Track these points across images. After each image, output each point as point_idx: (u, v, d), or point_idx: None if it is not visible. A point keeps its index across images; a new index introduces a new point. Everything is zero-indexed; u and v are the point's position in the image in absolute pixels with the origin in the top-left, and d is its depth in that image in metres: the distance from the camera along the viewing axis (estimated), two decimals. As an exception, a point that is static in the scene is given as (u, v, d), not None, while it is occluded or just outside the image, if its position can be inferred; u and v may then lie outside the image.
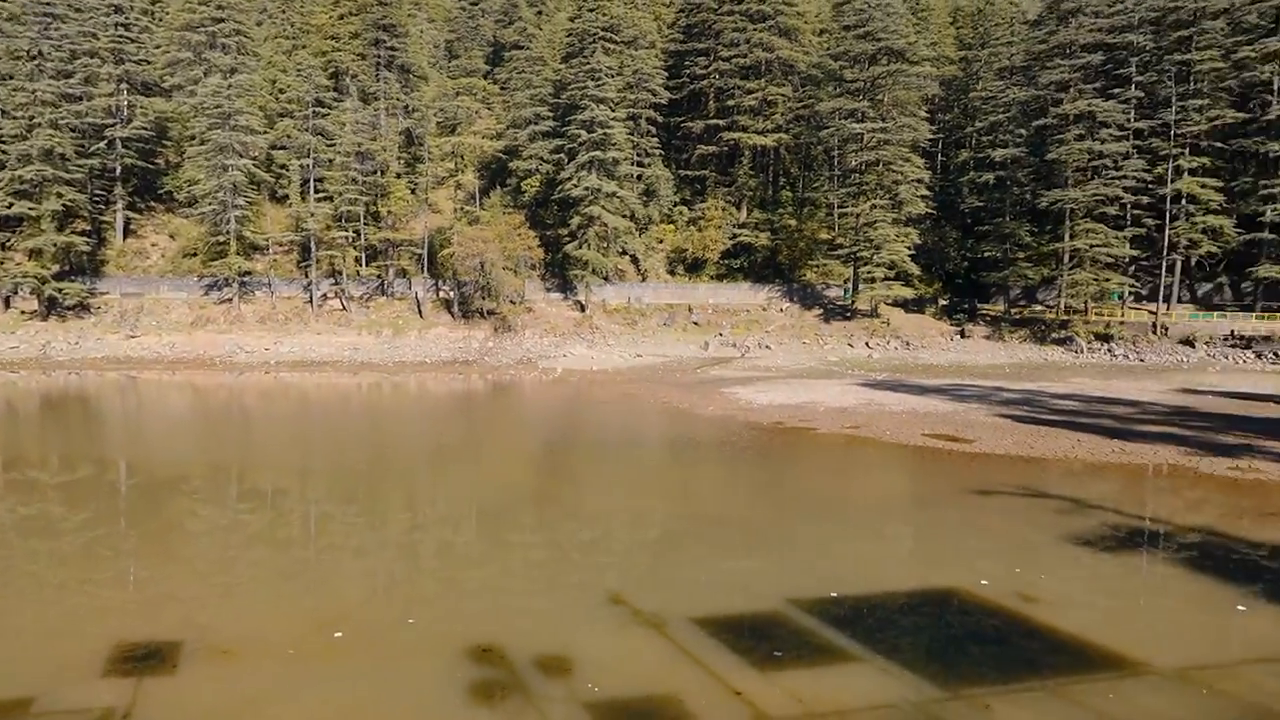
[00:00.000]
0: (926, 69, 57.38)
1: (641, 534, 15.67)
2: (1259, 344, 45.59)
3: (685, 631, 10.32)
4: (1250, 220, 49.72)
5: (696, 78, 61.01)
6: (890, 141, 53.18)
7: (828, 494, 18.82)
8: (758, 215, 59.20)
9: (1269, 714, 8.24)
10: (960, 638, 10.65)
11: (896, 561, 14.01)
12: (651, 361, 45.48)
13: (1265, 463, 19.94)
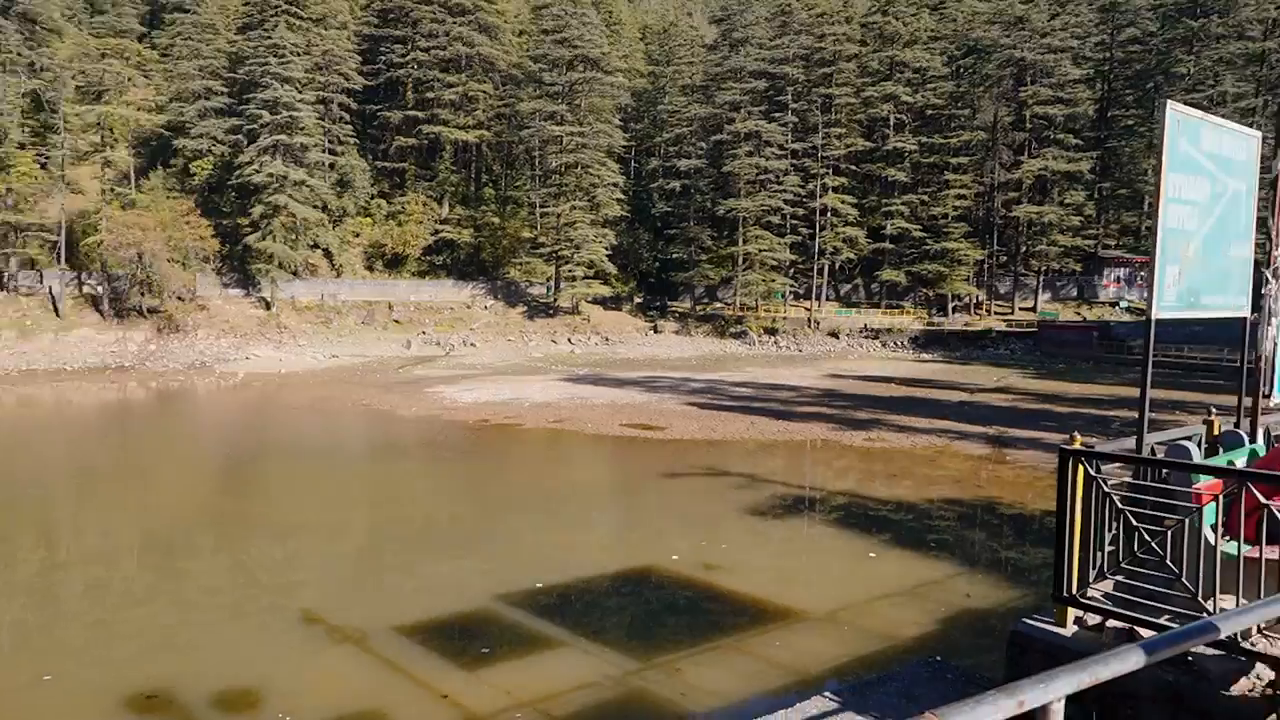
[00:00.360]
0: (620, 79, 60.80)
1: (340, 545, 14.73)
2: (884, 335, 54.88)
3: (390, 642, 9.91)
4: (877, 232, 59.58)
5: (394, 65, 58.56)
6: (588, 145, 55.53)
7: (534, 487, 19.19)
8: (460, 211, 58.44)
9: (893, 636, 9.93)
10: (657, 611, 11.49)
11: (600, 547, 14.69)
12: (349, 362, 42.92)
13: (889, 433, 24.11)
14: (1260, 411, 5.90)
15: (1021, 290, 60.36)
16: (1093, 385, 36.69)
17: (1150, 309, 4.59)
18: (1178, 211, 4.70)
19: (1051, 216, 56.21)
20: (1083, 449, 4.52)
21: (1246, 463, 5.30)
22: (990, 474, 19.58)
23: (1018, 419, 26.93)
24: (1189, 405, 22.39)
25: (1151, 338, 4.80)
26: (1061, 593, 4.63)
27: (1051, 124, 58.52)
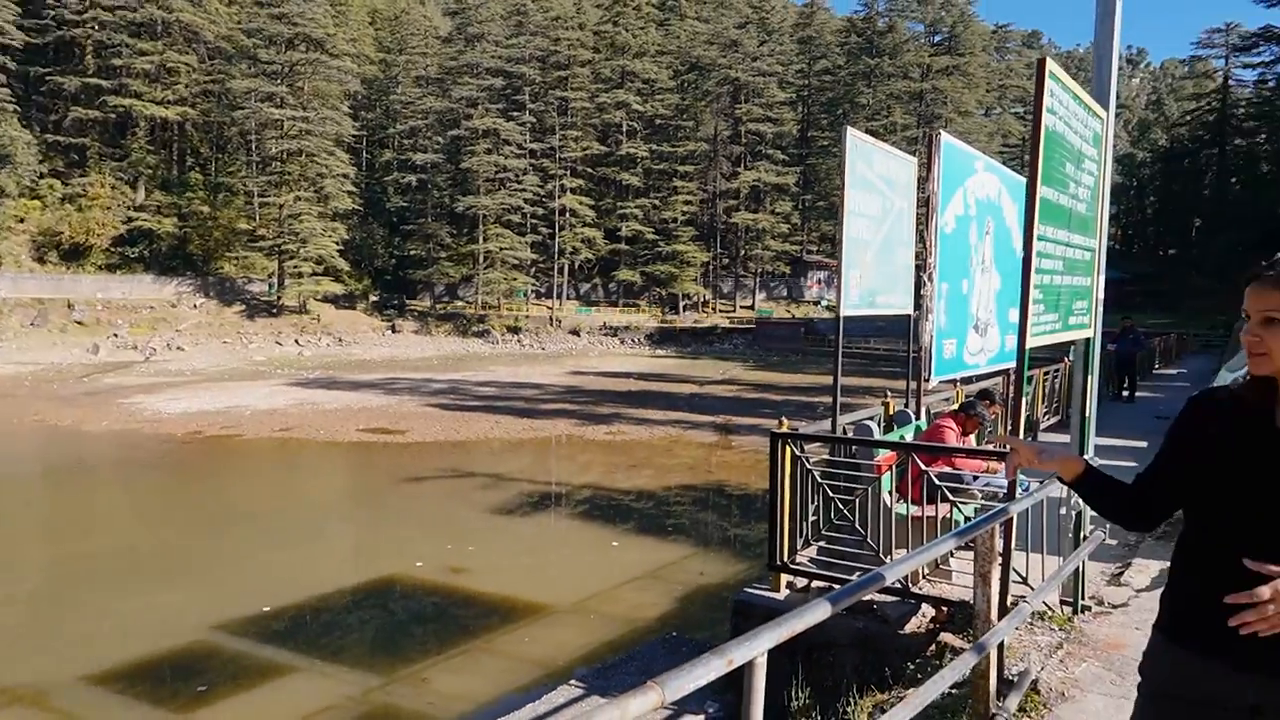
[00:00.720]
0: (348, 64, 57.24)
1: (9, 589, 12.41)
2: (623, 332, 57.33)
3: (78, 695, 8.55)
4: (613, 233, 62.03)
5: (66, 23, 50.08)
6: (313, 132, 51.68)
7: (259, 503, 17.55)
8: (160, 198, 51.52)
9: (637, 618, 10.46)
10: (403, 622, 11.06)
11: (338, 560, 13.82)
12: (15, 371, 36.16)
13: (628, 426, 25.27)
14: (924, 393, 7.04)
15: (742, 290, 66.22)
16: (801, 375, 41.14)
17: (839, 307, 5.30)
18: (858, 224, 5.47)
19: (765, 223, 62.28)
20: (789, 432, 5.11)
21: (913, 437, 6.31)
22: (719, 459, 21.27)
23: (741, 408, 29.48)
24: (875, 390, 25.89)
25: (841, 333, 5.54)
26: (775, 561, 5.20)
27: (763, 140, 64.80)
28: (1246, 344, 1.66)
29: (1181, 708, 1.71)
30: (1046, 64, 3.04)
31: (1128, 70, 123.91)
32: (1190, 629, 1.71)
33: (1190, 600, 1.74)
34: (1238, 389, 1.72)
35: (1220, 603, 1.62)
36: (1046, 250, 3.46)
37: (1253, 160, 62.25)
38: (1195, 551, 1.74)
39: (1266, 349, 1.62)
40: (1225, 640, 1.61)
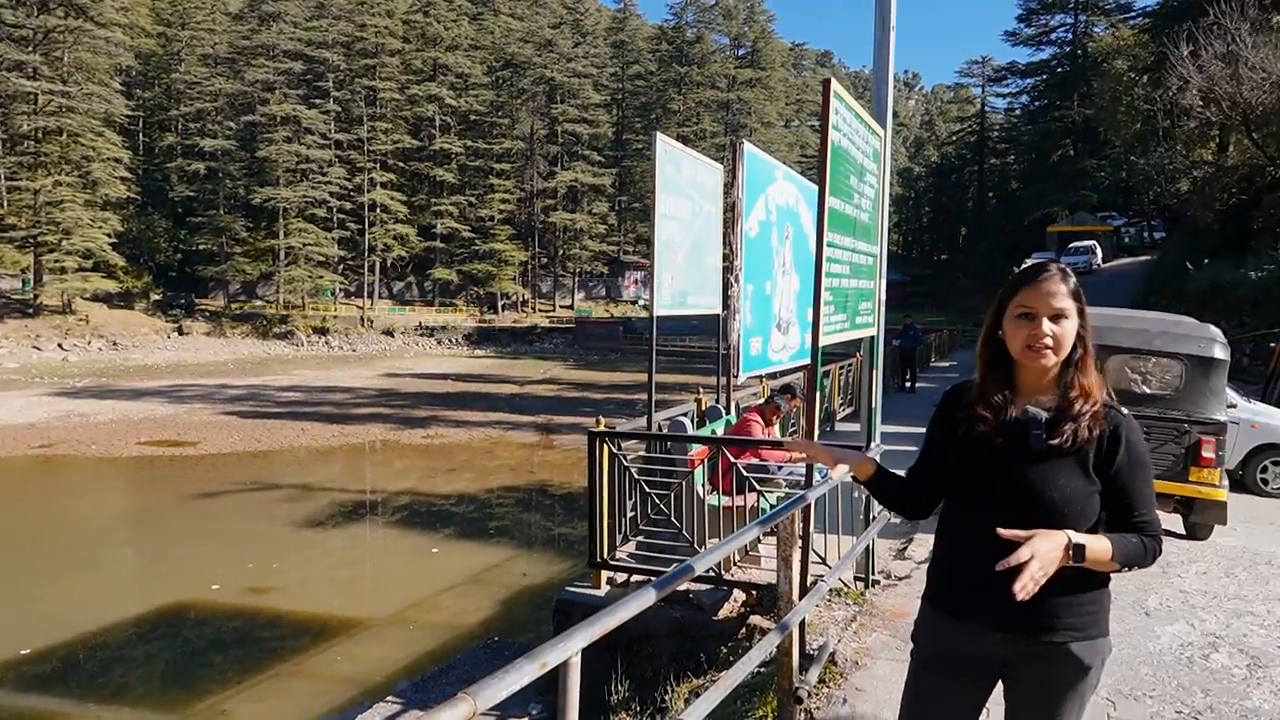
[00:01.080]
0: (119, 35, 51.20)
1: None
2: (440, 332, 55.69)
3: None
4: (428, 230, 60.07)
5: None
6: (76, 110, 45.82)
7: (13, 531, 15.35)
8: (-126, 179, 43.65)
9: (459, 625, 10.23)
10: (200, 651, 10.10)
11: (118, 590, 12.40)
12: None
13: (447, 429, 24.61)
14: (733, 389, 7.41)
15: (561, 289, 66.42)
16: (621, 373, 41.92)
17: (652, 308, 5.47)
18: (669, 226, 5.67)
19: (583, 224, 62.85)
20: (605, 431, 5.20)
21: (724, 431, 6.63)
22: (541, 459, 21.22)
23: (562, 407, 29.57)
24: (691, 386, 26.89)
25: (655, 332, 5.72)
26: (595, 559, 5.28)
27: (580, 141, 65.34)
28: (1033, 340, 1.78)
29: (947, 668, 1.92)
30: (832, 85, 3.32)
31: (905, 92, 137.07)
32: (949, 596, 1.91)
33: (949, 571, 1.93)
34: (982, 383, 1.90)
35: (972, 571, 1.84)
36: (835, 256, 3.78)
37: (1005, 178, 70.96)
38: (953, 528, 1.93)
39: (1056, 345, 1.78)
40: (976, 604, 1.83)
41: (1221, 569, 6.26)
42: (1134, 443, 1.81)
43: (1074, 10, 60.13)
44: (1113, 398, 1.86)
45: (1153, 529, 1.81)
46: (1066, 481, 1.77)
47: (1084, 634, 1.80)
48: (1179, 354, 6.82)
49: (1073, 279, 1.84)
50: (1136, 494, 1.80)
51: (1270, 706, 3.79)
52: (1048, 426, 1.79)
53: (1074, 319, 1.81)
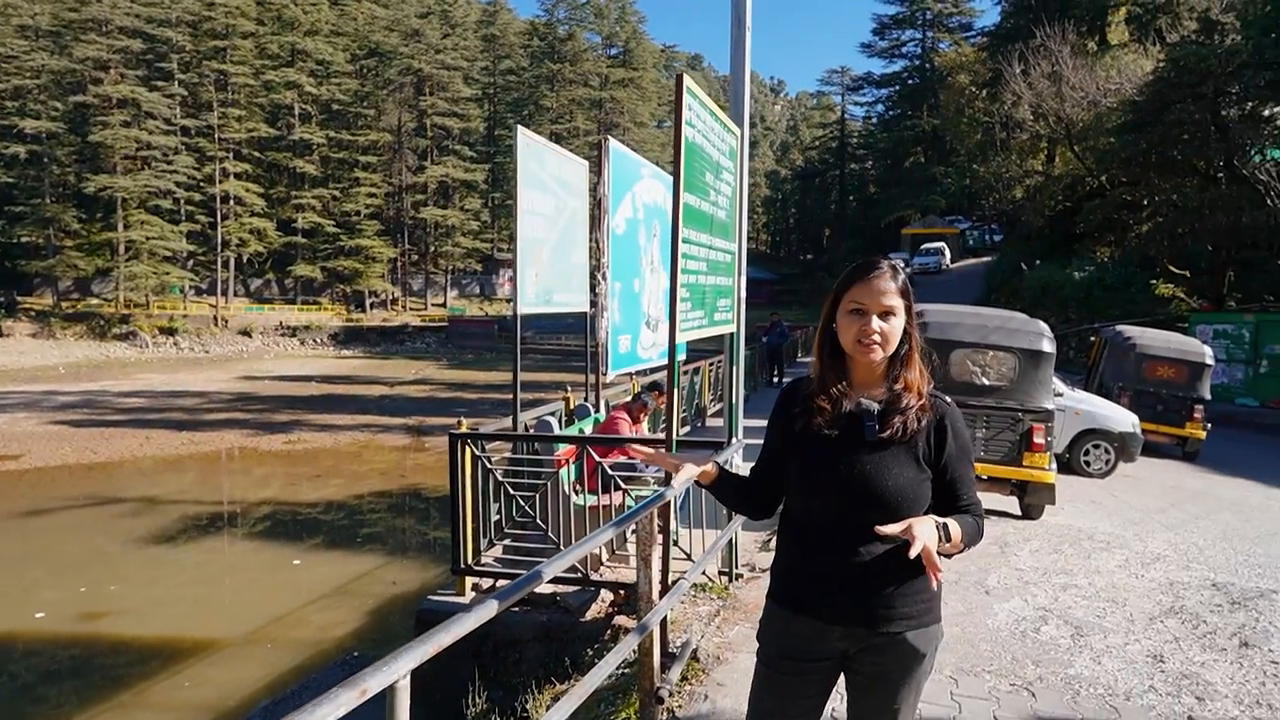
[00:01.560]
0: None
1: None
2: (303, 332, 52.93)
3: None
4: (288, 225, 56.94)
5: None
6: None
7: None
8: None
9: (322, 640, 9.71)
10: (28, 685, 9.11)
11: (-85, 627, 10.99)
12: None
13: (312, 433, 23.39)
14: (602, 386, 7.38)
15: (433, 287, 64.61)
16: (496, 373, 41.22)
17: (515, 305, 5.34)
18: (532, 222, 5.56)
19: (455, 220, 61.34)
20: (468, 432, 5.04)
21: (592, 429, 6.58)
22: (414, 462, 20.51)
23: (435, 408, 28.74)
24: (566, 385, 26.82)
25: (519, 330, 5.60)
26: (459, 565, 5.10)
27: (450, 135, 63.75)
28: (863, 335, 1.82)
29: (792, 665, 1.92)
30: (684, 80, 3.33)
31: (772, 98, 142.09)
32: (792, 593, 1.92)
33: (791, 568, 1.94)
34: (819, 376, 1.93)
35: (813, 567, 1.87)
36: (691, 252, 3.80)
37: (864, 182, 74.87)
38: (793, 524, 1.94)
39: (884, 340, 1.83)
40: (818, 600, 1.86)
41: (1051, 546, 6.79)
42: (959, 430, 1.89)
43: (922, 27, 64.12)
44: (936, 387, 1.92)
45: (978, 508, 1.90)
46: (900, 471, 1.81)
47: (918, 622, 1.85)
48: (1012, 347, 7.35)
49: (902, 276, 1.88)
50: (963, 478, 1.88)
51: (1090, 673, 4.11)
52: (879, 418, 1.84)
53: (901, 316, 1.85)
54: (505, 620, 4.96)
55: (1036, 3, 39.39)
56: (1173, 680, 4.09)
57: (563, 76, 68.47)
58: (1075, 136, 28.42)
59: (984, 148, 39.66)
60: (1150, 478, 10.67)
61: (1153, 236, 22.88)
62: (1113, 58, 30.58)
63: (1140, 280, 24.10)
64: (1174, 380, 12.22)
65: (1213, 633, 4.87)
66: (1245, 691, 4.01)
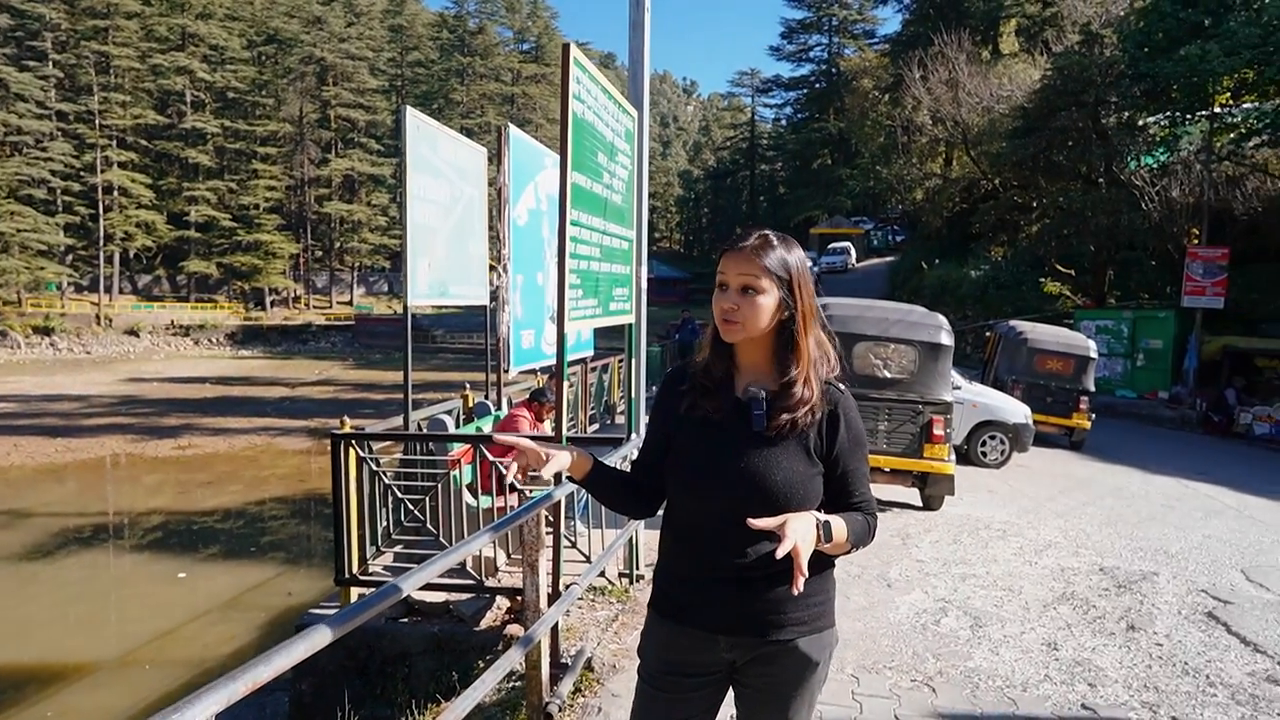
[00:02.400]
0: None
1: None
2: (196, 331, 50.18)
3: None
4: (180, 218, 53.87)
5: None
6: None
7: None
8: None
9: (206, 659, 9.07)
10: None
11: None
12: None
13: (205, 437, 22.10)
14: (504, 384, 7.10)
15: (338, 285, 62.35)
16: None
17: (406, 297, 5.02)
18: (424, 209, 5.24)
19: (361, 215, 59.35)
20: (352, 432, 4.70)
21: (491, 428, 6.30)
22: (317, 466, 19.61)
23: (340, 409, 27.46)
24: (478, 383, 26.20)
25: (410, 324, 5.27)
26: (343, 575, 4.76)
27: (356, 127, 61.64)
28: (721, 311, 1.68)
29: (677, 680, 1.74)
30: (571, 50, 3.12)
31: (684, 98, 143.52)
32: (675, 602, 1.74)
33: (673, 574, 1.76)
34: (703, 361, 1.76)
35: (698, 571, 1.69)
36: (582, 236, 3.60)
37: (774, 183, 76.39)
38: (676, 525, 1.75)
39: (741, 318, 1.66)
40: (703, 608, 1.69)
41: (950, 536, 6.91)
42: (852, 421, 1.74)
43: (828, 32, 65.84)
44: (837, 377, 1.77)
45: (871, 506, 1.75)
46: (790, 464, 1.66)
47: (811, 628, 1.70)
48: (912, 340, 7.45)
49: (778, 251, 1.68)
50: (856, 473, 1.74)
51: (988, 665, 4.12)
52: (768, 408, 1.68)
53: (772, 294, 1.67)
54: (393, 632, 4.65)
55: (935, 12, 41.00)
56: (1066, 668, 4.14)
57: (473, 70, 67.22)
58: (971, 141, 29.63)
59: (887, 151, 40.98)
60: (1041, 467, 11.10)
61: (1041, 237, 24.02)
62: (1004, 66, 32.03)
63: (1031, 278, 25.29)
64: (1061, 373, 12.78)
65: (1102, 617, 4.99)
66: (1134, 675, 4.09)
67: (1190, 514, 8.66)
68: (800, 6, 65.75)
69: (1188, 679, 4.09)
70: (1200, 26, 17.63)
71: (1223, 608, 5.32)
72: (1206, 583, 5.89)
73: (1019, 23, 39.06)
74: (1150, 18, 18.95)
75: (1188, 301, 18.05)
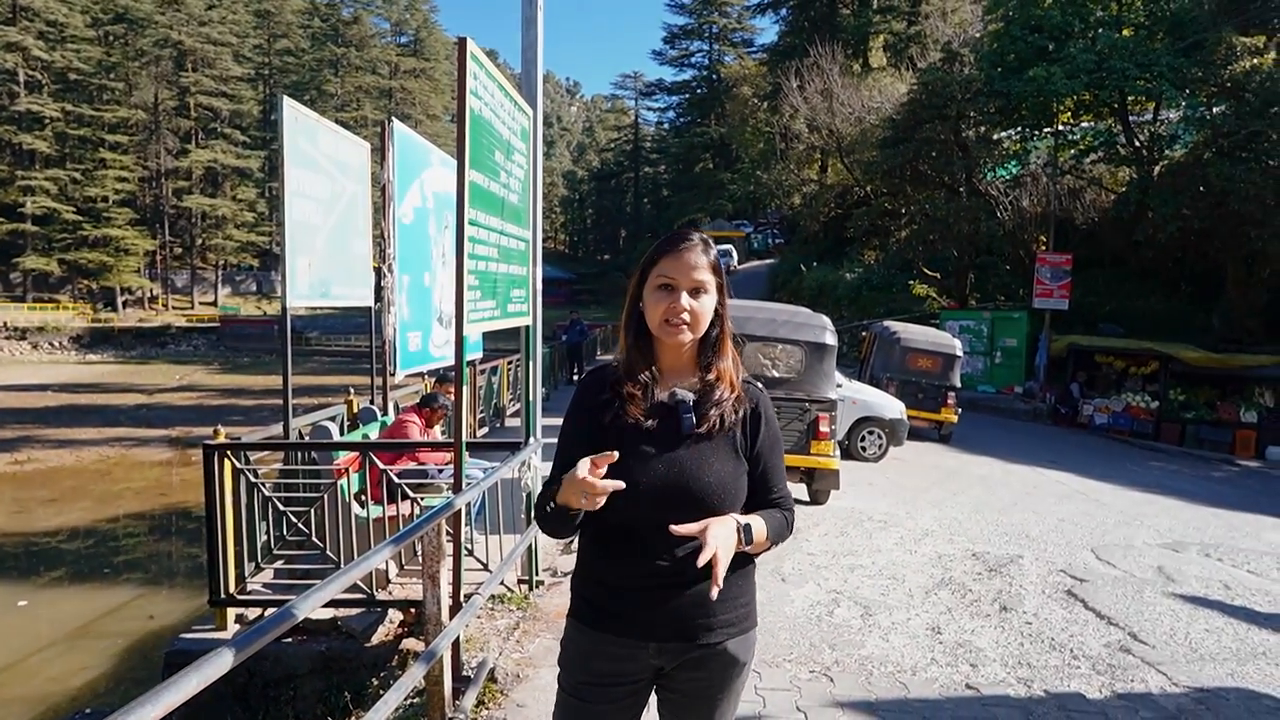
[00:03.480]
0: None
1: None
2: (36, 334, 45.80)
3: None
4: (13, 210, 49.07)
5: None
6: None
7: None
8: None
9: (53, 695, 8.30)
10: None
11: None
12: None
13: (48, 450, 20.19)
14: (390, 388, 6.82)
15: (201, 284, 58.46)
16: (276, 377, 37.98)
17: (284, 298, 4.74)
18: (303, 205, 4.96)
19: (226, 210, 55.89)
20: (227, 442, 4.39)
21: (378, 434, 6.05)
22: (180, 478, 18.29)
23: (204, 416, 25.93)
24: (361, 388, 25.16)
25: (289, 326, 4.98)
26: (219, 595, 4.43)
27: (219, 116, 57.99)
28: (671, 314, 1.63)
29: (601, 691, 1.70)
30: (467, 44, 3.01)
31: (568, 98, 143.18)
32: (598, 610, 1.69)
33: (596, 581, 1.71)
34: (626, 361, 1.72)
35: (622, 578, 1.66)
36: (480, 236, 3.49)
37: (658, 185, 77.39)
38: (598, 531, 1.69)
39: (693, 321, 1.65)
40: (626, 616, 1.66)
41: (838, 529, 7.17)
42: (771, 418, 1.76)
43: (709, 39, 67.34)
44: (747, 374, 1.79)
45: (789, 502, 1.78)
46: (720, 465, 1.65)
47: (739, 629, 1.70)
48: (799, 340, 7.70)
49: (714, 251, 1.70)
50: (776, 470, 1.75)
51: (880, 652, 4.30)
52: (695, 410, 1.67)
53: (713, 295, 1.69)
54: (276, 653, 4.37)
55: (809, 25, 42.68)
56: (950, 650, 4.37)
57: (348, 62, 64.57)
58: (845, 149, 31.00)
59: (766, 156, 42.28)
60: (915, 459, 11.73)
61: (910, 242, 25.41)
62: (874, 79, 33.71)
63: (901, 281, 26.72)
64: (931, 371, 13.56)
65: (978, 600, 5.31)
66: (1009, 653, 4.37)
67: (1045, 499, 9.36)
68: (682, 13, 66.95)
69: (1055, 654, 4.39)
70: (1045, 50, 19.13)
71: (1079, 585, 5.77)
72: (1064, 563, 6.37)
73: (887, 39, 41.21)
74: (1003, 40, 20.41)
75: (1038, 303, 19.55)
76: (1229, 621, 5.09)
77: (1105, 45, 18.38)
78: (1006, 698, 3.80)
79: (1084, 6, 19.64)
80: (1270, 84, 16.69)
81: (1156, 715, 3.69)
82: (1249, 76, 17.14)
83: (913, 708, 3.62)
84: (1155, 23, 19.66)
